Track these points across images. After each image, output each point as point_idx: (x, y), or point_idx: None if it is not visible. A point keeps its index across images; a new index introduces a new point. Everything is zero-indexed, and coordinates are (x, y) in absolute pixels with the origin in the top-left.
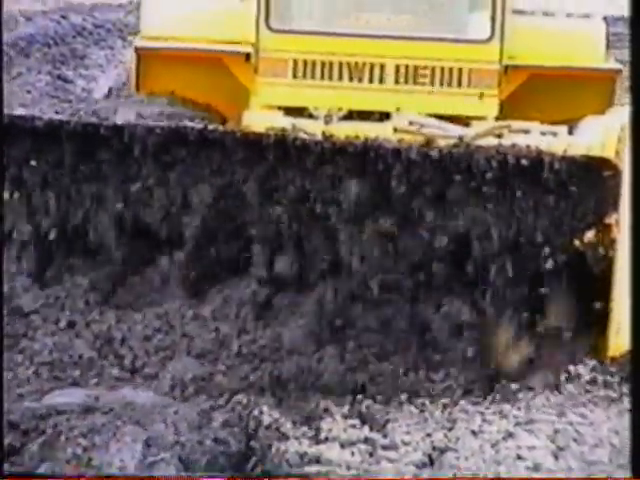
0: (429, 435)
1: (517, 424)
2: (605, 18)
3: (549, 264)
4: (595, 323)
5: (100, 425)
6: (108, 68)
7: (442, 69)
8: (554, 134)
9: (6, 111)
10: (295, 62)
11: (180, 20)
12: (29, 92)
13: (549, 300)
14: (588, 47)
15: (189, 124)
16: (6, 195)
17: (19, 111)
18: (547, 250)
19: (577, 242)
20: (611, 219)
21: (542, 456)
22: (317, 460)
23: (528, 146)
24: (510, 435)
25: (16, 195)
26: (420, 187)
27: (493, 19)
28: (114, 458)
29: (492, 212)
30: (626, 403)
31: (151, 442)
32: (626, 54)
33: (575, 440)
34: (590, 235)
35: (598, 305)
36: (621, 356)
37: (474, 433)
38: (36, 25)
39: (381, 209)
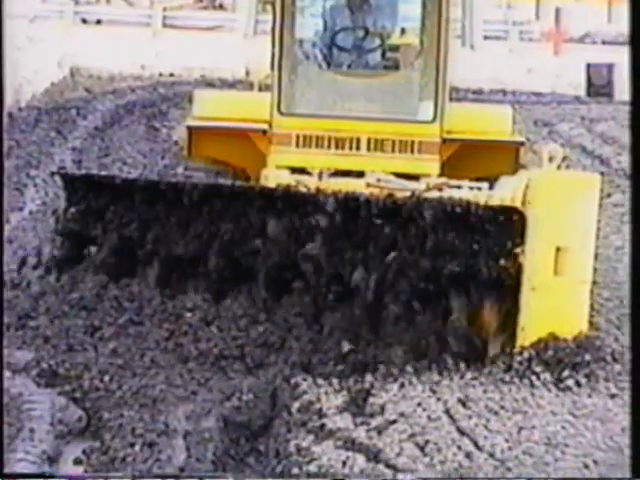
0: None
1: None
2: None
3: (475, 281)
4: (507, 322)
5: None
6: (182, 121)
7: (400, 141)
8: (479, 189)
9: (114, 150)
10: (298, 136)
11: (219, 106)
12: (132, 136)
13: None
14: (500, 125)
15: (223, 180)
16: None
17: (127, 148)
18: (473, 272)
19: (494, 266)
20: (518, 250)
21: None
22: None
23: (460, 198)
24: None
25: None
26: (384, 225)
27: (435, 106)
28: None
29: (432, 246)
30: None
31: None
32: None
33: None
34: (503, 261)
35: (509, 309)
36: (530, 345)
37: None
38: (137, 94)
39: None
